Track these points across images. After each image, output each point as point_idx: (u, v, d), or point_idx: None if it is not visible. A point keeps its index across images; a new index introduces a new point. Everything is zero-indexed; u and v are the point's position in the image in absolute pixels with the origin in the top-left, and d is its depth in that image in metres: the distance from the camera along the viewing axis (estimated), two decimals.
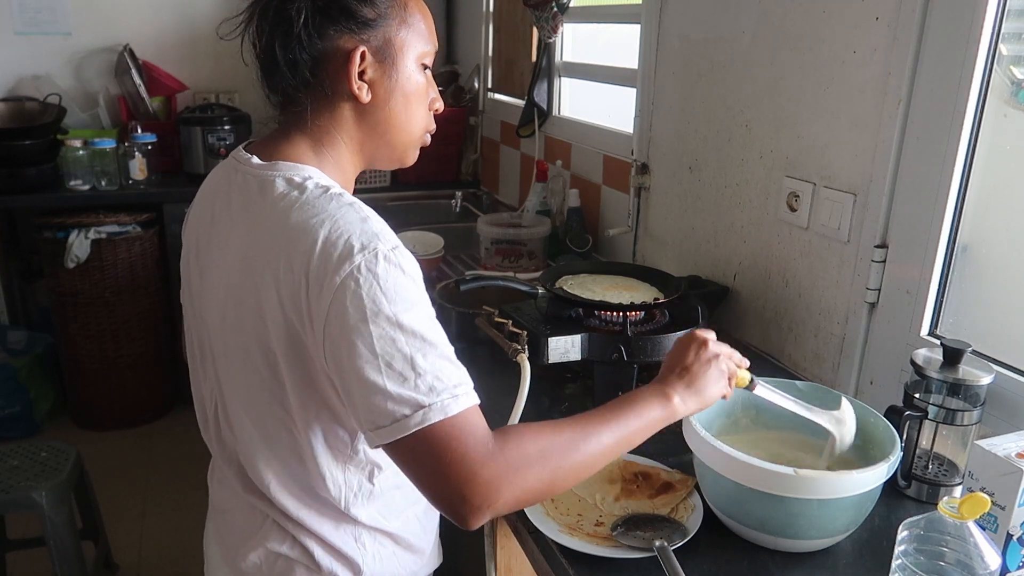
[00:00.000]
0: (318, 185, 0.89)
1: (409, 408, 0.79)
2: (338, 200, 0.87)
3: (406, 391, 0.79)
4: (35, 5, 3.27)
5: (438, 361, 0.81)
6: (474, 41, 3.26)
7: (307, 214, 0.85)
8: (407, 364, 0.80)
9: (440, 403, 0.79)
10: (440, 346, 0.83)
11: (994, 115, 1.20)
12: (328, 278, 0.80)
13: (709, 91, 1.77)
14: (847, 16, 1.38)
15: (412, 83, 0.96)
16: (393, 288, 0.80)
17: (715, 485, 1.04)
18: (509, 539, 1.22)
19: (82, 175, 3.03)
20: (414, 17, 0.95)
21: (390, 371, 0.79)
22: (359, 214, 0.85)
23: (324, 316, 0.81)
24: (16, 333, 3.21)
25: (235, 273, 0.90)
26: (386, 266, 0.81)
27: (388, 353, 0.79)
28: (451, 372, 0.82)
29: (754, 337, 1.69)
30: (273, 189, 0.89)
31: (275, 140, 0.96)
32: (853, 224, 1.40)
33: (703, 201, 1.83)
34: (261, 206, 0.89)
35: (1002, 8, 1.15)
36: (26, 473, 2.02)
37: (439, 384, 0.80)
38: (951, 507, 0.80)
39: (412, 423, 0.78)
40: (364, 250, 0.81)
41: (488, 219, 2.27)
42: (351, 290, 0.79)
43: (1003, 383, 1.16)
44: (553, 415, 1.36)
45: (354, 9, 0.90)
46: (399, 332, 0.80)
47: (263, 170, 0.92)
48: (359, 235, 0.82)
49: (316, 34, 0.89)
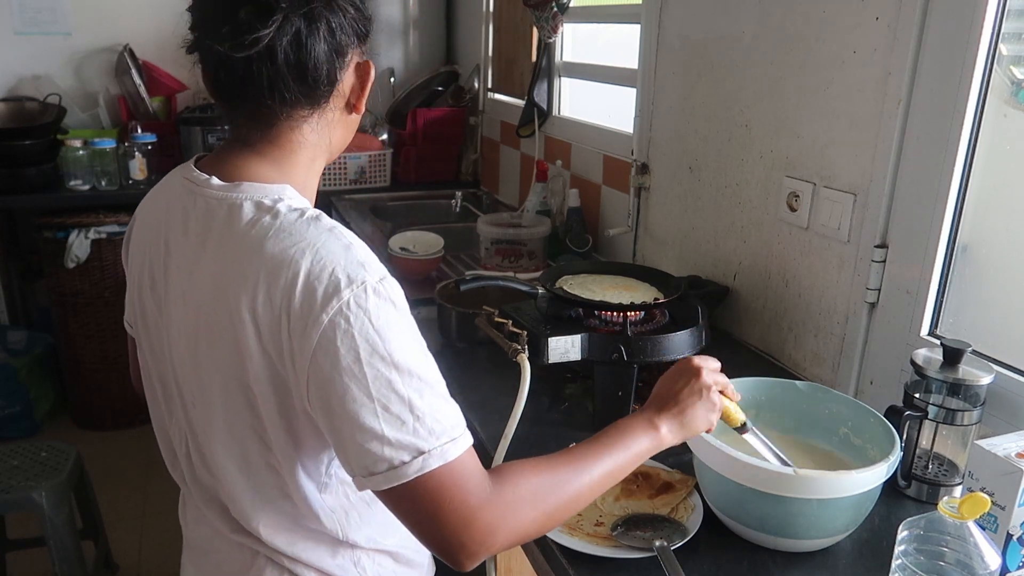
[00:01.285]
0: (291, 208, 0.83)
1: (408, 454, 0.75)
2: (316, 225, 0.81)
3: (405, 436, 0.75)
4: (35, 5, 3.27)
5: (435, 401, 0.78)
6: (474, 41, 3.26)
7: (284, 243, 0.79)
8: (405, 407, 0.76)
9: (440, 448, 0.76)
10: (436, 384, 0.79)
11: (994, 115, 1.20)
12: (314, 316, 0.75)
13: (709, 91, 1.77)
14: (847, 16, 1.38)
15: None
16: (385, 325, 0.76)
17: (715, 485, 1.04)
18: None
19: (82, 175, 3.03)
20: None
21: (387, 414, 0.75)
22: (341, 241, 0.80)
23: (309, 356, 0.76)
24: (16, 333, 3.22)
25: (206, 308, 0.83)
26: (376, 301, 0.77)
27: (385, 396, 0.75)
28: (448, 413, 0.79)
29: (754, 337, 1.69)
30: (242, 215, 0.83)
31: (232, 157, 0.89)
32: (853, 224, 1.40)
33: (703, 201, 1.83)
34: (230, 234, 0.83)
35: (1002, 8, 1.15)
36: (26, 473, 2.02)
37: (438, 427, 0.77)
38: (951, 507, 0.80)
39: (411, 470, 0.75)
40: (352, 284, 0.76)
41: (488, 219, 2.27)
42: (341, 329, 0.75)
43: (1003, 383, 1.16)
44: (553, 415, 1.36)
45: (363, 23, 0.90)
46: (395, 372, 0.76)
47: (227, 192, 0.85)
48: (344, 267, 0.77)
49: (344, 49, 0.88)
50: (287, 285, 0.77)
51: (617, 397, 1.29)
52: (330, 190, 3.06)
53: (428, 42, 3.52)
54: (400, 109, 3.26)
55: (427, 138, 3.20)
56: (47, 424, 3.21)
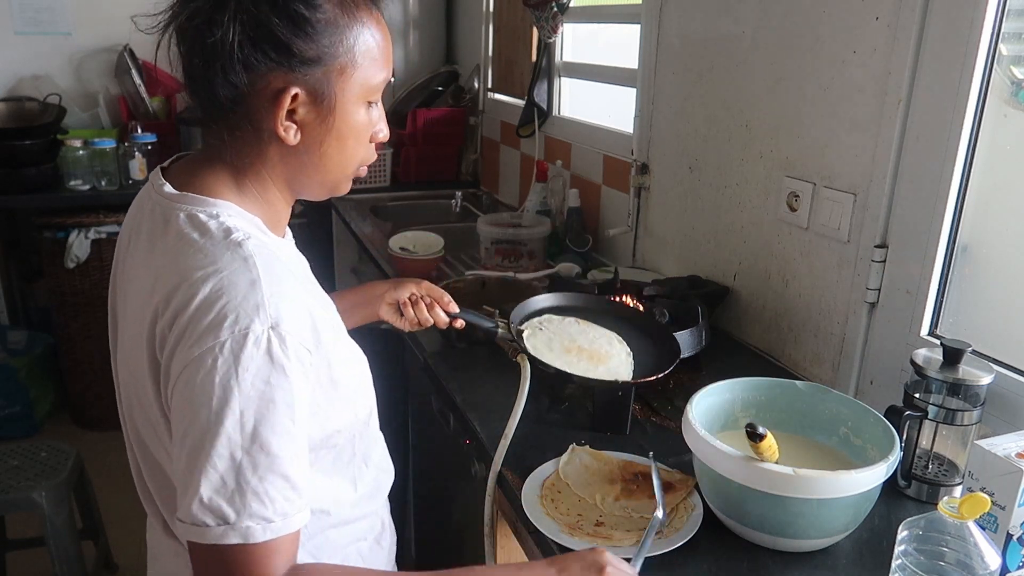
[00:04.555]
0: (222, 226, 0.80)
1: (213, 519, 0.72)
2: (235, 251, 0.78)
3: (218, 500, 0.72)
4: (35, 5, 3.27)
5: (269, 477, 0.73)
6: (474, 41, 3.26)
7: (197, 262, 0.77)
8: (232, 471, 0.72)
9: (244, 527, 0.72)
10: (283, 460, 0.74)
11: (994, 115, 1.20)
12: (188, 344, 0.73)
13: (709, 91, 1.77)
14: (847, 16, 1.38)
15: (352, 124, 0.85)
16: (251, 381, 0.72)
17: (715, 485, 1.04)
18: (509, 539, 1.22)
19: (82, 175, 3.03)
20: (366, 48, 0.83)
21: (212, 472, 0.71)
22: (250, 274, 0.76)
23: (175, 380, 0.74)
24: (16, 333, 3.22)
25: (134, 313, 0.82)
26: (253, 352, 0.72)
27: (219, 454, 0.71)
28: (278, 494, 0.74)
29: (754, 337, 1.69)
30: (176, 225, 0.81)
31: (195, 165, 0.87)
32: (853, 224, 1.40)
33: (703, 201, 1.83)
34: (162, 243, 0.81)
35: (1002, 8, 1.15)
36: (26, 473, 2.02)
37: (256, 505, 0.73)
38: (951, 507, 0.80)
39: (209, 536, 0.72)
40: (235, 327, 0.72)
41: (488, 219, 2.27)
42: (205, 368, 0.72)
43: (1003, 383, 1.16)
44: (552, 415, 1.36)
45: (290, 43, 0.78)
46: (238, 434, 0.72)
47: (172, 201, 0.83)
48: (238, 304, 0.74)
49: (242, 66, 0.77)
50: (182, 303, 0.75)
51: (617, 397, 1.29)
52: None
53: (428, 42, 3.52)
54: (400, 109, 3.26)
55: (427, 138, 3.20)
56: (47, 424, 3.21)
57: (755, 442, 0.96)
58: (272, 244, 0.85)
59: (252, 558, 0.73)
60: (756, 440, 0.95)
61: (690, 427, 1.04)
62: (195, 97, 0.83)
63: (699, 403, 1.10)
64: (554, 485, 1.13)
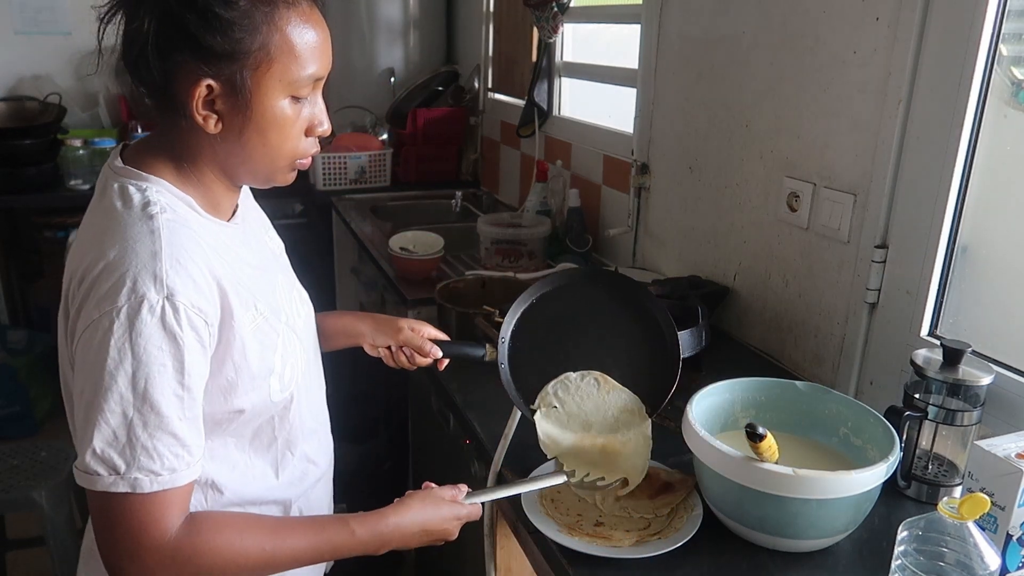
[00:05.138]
0: (143, 200, 0.85)
1: (104, 469, 0.79)
2: (147, 223, 0.83)
3: (108, 451, 0.78)
4: (35, 5, 3.27)
5: (158, 435, 0.79)
6: (474, 41, 3.26)
7: (109, 228, 0.83)
8: (123, 427, 0.78)
9: (133, 478, 0.79)
10: (172, 420, 0.80)
11: (994, 115, 1.20)
12: (89, 306, 0.79)
13: (709, 91, 1.77)
14: (847, 16, 1.38)
15: (272, 118, 0.87)
16: (144, 346, 0.78)
17: (715, 485, 1.04)
18: (509, 539, 1.22)
19: (82, 175, 3.03)
20: (285, 44, 0.84)
21: (105, 426, 0.78)
22: (152, 246, 0.81)
23: (77, 339, 0.80)
24: (16, 333, 3.21)
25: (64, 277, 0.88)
26: (147, 319, 0.78)
27: (111, 409, 0.78)
28: (167, 450, 0.80)
29: (754, 337, 1.69)
30: (107, 196, 0.87)
31: (146, 145, 0.92)
32: (853, 224, 1.40)
33: (703, 201, 1.83)
34: (96, 210, 0.88)
35: (1002, 8, 1.15)
36: (26, 473, 2.02)
37: (144, 459, 0.79)
38: (951, 507, 0.80)
39: (99, 484, 0.79)
40: (133, 294, 0.78)
41: (488, 219, 2.27)
42: (103, 330, 0.78)
43: (1003, 383, 1.16)
44: None
45: (201, 38, 0.81)
46: (130, 392, 0.78)
47: (114, 173, 0.89)
48: (136, 272, 0.79)
49: (159, 57, 0.82)
50: (88, 267, 0.80)
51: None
52: (330, 190, 3.06)
53: (428, 42, 3.52)
54: (400, 109, 3.26)
55: (427, 138, 3.20)
56: (47, 424, 3.21)
57: (755, 442, 0.96)
58: (195, 222, 0.88)
59: (141, 508, 0.79)
60: (756, 440, 0.95)
61: (690, 427, 1.04)
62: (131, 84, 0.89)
63: (699, 403, 1.10)
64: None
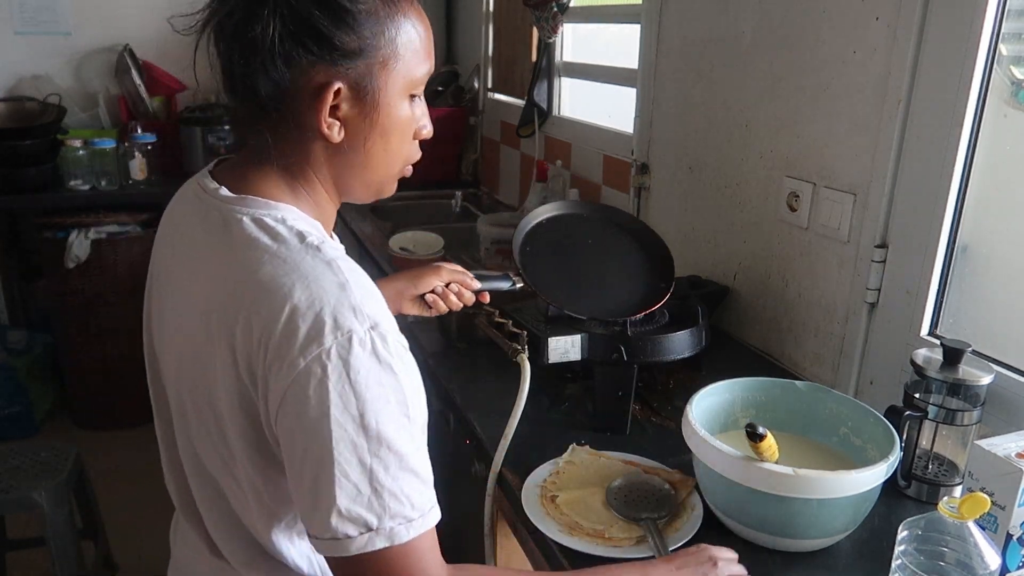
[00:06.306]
0: (293, 231, 0.77)
1: (355, 528, 0.70)
2: (315, 255, 0.75)
3: (356, 508, 0.70)
4: (35, 5, 3.27)
5: (401, 476, 0.72)
6: (474, 41, 3.25)
7: (277, 270, 0.73)
8: (365, 477, 0.70)
9: (389, 528, 0.71)
10: (409, 456, 0.73)
11: (994, 115, 1.20)
12: (291, 357, 0.70)
13: (709, 91, 1.77)
14: (847, 16, 1.38)
15: (395, 120, 0.83)
16: (364, 383, 0.70)
17: (715, 485, 1.04)
18: (509, 539, 1.22)
19: (82, 175, 3.04)
20: (408, 39, 0.81)
21: (345, 481, 0.70)
22: (337, 278, 0.73)
23: (280, 397, 0.71)
24: (16, 333, 3.22)
25: (195, 324, 0.78)
26: (360, 354, 0.70)
27: (346, 460, 0.69)
28: (413, 490, 0.73)
29: (754, 337, 1.69)
30: (241, 230, 0.77)
31: (246, 167, 0.84)
32: (853, 224, 1.40)
33: (703, 201, 1.83)
34: (227, 249, 0.78)
35: (1002, 8, 1.15)
36: (26, 473, 2.02)
37: (395, 505, 0.71)
38: (951, 507, 0.80)
39: (354, 546, 0.70)
40: (337, 331, 0.70)
41: (488, 219, 2.27)
42: (316, 378, 0.69)
43: (1003, 383, 1.16)
44: (553, 415, 1.36)
45: (331, 36, 0.76)
46: (363, 437, 0.70)
47: (231, 204, 0.80)
48: (334, 309, 0.71)
49: (284, 62, 0.75)
50: (271, 316, 0.71)
51: (617, 397, 1.29)
52: None
53: None
54: None
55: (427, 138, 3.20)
56: (47, 424, 3.21)
57: (755, 442, 0.96)
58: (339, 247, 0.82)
59: (405, 559, 0.72)
60: (756, 440, 0.95)
61: (690, 427, 1.04)
62: (235, 97, 0.80)
63: (699, 403, 1.10)
64: (554, 484, 1.13)
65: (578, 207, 1.57)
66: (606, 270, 1.46)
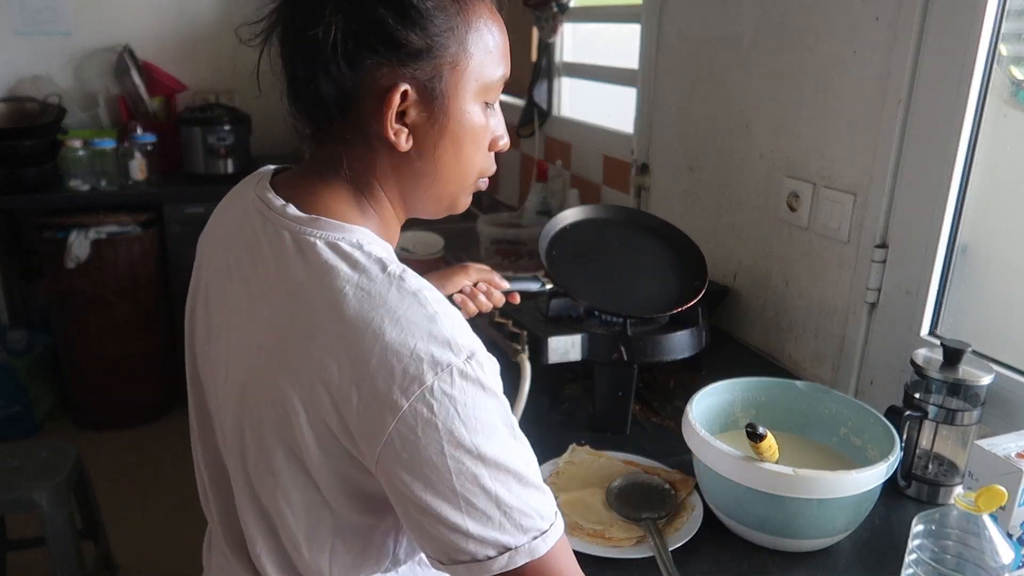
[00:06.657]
0: (372, 257, 0.72)
1: (494, 550, 0.69)
2: (400, 287, 0.70)
3: (490, 532, 0.69)
4: (35, 5, 3.27)
5: (524, 493, 0.70)
6: None
7: (364, 305, 0.69)
8: (491, 502, 0.69)
9: (527, 545, 0.69)
10: (525, 472, 0.71)
11: (994, 115, 1.20)
12: (392, 399, 0.66)
13: (709, 91, 1.77)
14: (847, 16, 1.38)
15: (468, 127, 0.78)
16: (473, 413, 0.68)
17: (715, 485, 1.04)
18: None
19: (82, 175, 3.03)
20: (481, 40, 0.77)
21: (472, 510, 0.68)
22: (426, 311, 0.69)
23: (383, 439, 0.67)
24: (16, 333, 3.21)
25: (263, 353, 0.73)
26: (463, 385, 0.67)
27: (469, 491, 0.68)
28: (537, 502, 0.71)
29: (754, 337, 1.69)
30: (316, 255, 0.72)
31: (311, 182, 0.78)
32: (853, 224, 1.40)
33: (703, 201, 1.83)
34: (303, 278, 0.72)
35: (1002, 8, 1.15)
36: (26, 473, 2.02)
37: (526, 521, 0.70)
38: (967, 500, 0.80)
39: (495, 566, 0.69)
40: (437, 367, 0.67)
41: (488, 219, 2.27)
42: (423, 417, 0.66)
43: (1003, 383, 1.16)
44: (553, 415, 1.36)
45: (398, 36, 0.71)
46: (481, 466, 0.68)
47: (302, 226, 0.74)
48: (428, 344, 0.67)
49: (347, 63, 0.71)
50: (361, 356, 0.67)
51: (617, 397, 1.29)
52: None
53: None
54: None
55: None
56: (47, 424, 3.21)
57: (755, 442, 0.96)
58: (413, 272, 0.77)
59: (544, 569, 0.71)
60: (756, 440, 0.95)
61: (690, 427, 1.04)
62: (299, 104, 0.76)
63: (699, 403, 1.10)
64: (554, 484, 1.13)
65: (602, 211, 1.57)
66: (635, 271, 1.47)
